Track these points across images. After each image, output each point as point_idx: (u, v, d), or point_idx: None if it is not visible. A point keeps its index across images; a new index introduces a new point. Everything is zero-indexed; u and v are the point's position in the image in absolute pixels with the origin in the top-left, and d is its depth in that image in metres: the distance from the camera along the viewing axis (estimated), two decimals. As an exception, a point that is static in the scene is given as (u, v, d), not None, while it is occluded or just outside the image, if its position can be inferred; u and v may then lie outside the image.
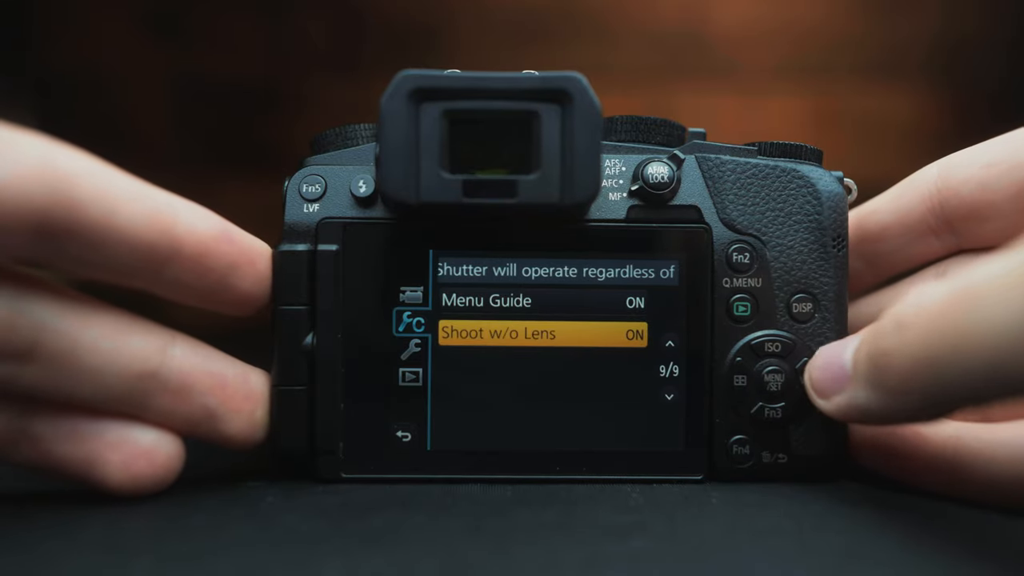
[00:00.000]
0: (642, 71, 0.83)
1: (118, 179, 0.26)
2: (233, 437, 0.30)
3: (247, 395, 0.30)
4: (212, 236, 0.28)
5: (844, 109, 0.81)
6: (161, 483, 0.29)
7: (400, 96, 0.29)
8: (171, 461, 0.29)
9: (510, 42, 0.84)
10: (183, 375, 0.28)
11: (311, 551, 0.25)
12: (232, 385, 0.29)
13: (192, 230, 0.27)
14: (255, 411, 0.30)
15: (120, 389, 0.28)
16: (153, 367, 0.28)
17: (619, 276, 0.31)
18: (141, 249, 0.26)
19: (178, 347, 0.28)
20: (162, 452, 0.28)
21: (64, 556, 0.24)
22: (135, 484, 0.28)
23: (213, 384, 0.29)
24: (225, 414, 0.29)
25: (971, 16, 0.82)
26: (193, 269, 0.28)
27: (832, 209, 0.32)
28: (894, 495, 0.31)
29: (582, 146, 0.29)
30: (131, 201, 0.26)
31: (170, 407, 0.28)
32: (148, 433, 0.28)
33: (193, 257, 0.28)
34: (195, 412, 0.29)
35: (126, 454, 0.28)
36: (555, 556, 0.25)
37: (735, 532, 0.27)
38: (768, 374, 0.31)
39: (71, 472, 0.28)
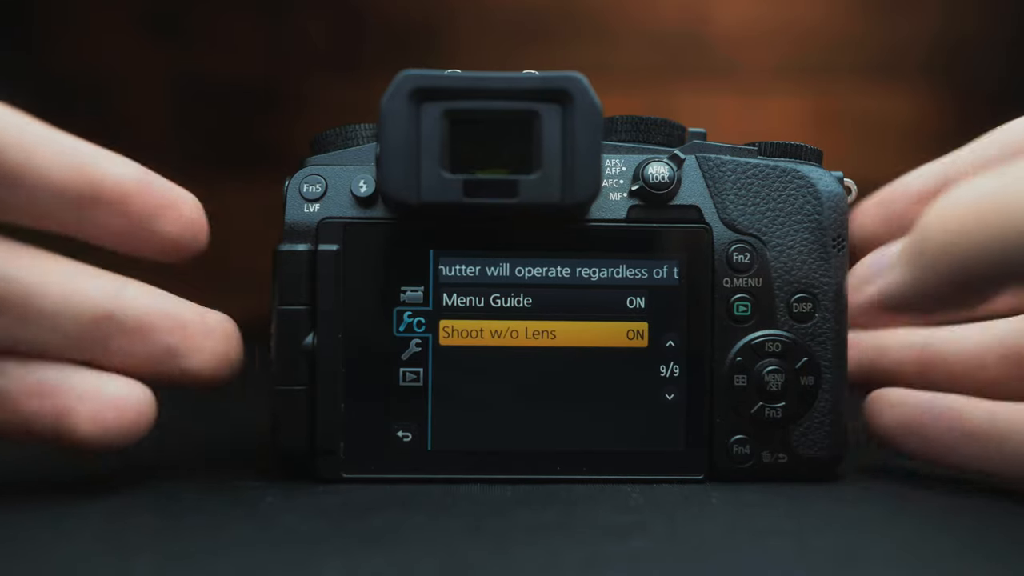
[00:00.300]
0: (642, 71, 0.83)
1: (35, 126, 0.27)
2: (198, 373, 0.29)
3: (206, 332, 0.29)
4: (132, 179, 0.28)
5: (844, 109, 0.81)
6: (131, 434, 0.28)
7: (401, 96, 0.29)
8: (142, 411, 0.28)
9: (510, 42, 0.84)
10: (139, 315, 0.28)
11: (311, 551, 0.25)
12: (190, 323, 0.29)
13: (111, 174, 0.28)
14: (216, 346, 0.29)
15: (78, 332, 0.28)
16: (108, 309, 0.28)
17: (619, 276, 0.31)
18: (60, 191, 0.27)
19: (132, 289, 0.29)
20: (132, 401, 0.28)
21: (64, 556, 0.24)
22: (105, 435, 0.28)
23: (171, 323, 0.29)
24: (187, 351, 0.29)
25: (971, 16, 0.82)
26: (114, 212, 0.28)
27: (832, 209, 0.32)
28: (894, 495, 0.31)
29: (583, 146, 0.29)
30: (49, 145, 0.27)
31: (129, 348, 0.28)
32: (116, 382, 0.28)
33: (113, 200, 0.28)
34: (156, 351, 0.29)
35: (95, 404, 0.28)
36: (555, 556, 0.25)
37: (735, 532, 0.27)
38: (768, 374, 0.31)
39: (40, 428, 0.28)
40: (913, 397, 0.32)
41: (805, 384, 0.31)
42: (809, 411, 0.32)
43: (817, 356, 0.32)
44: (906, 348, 0.34)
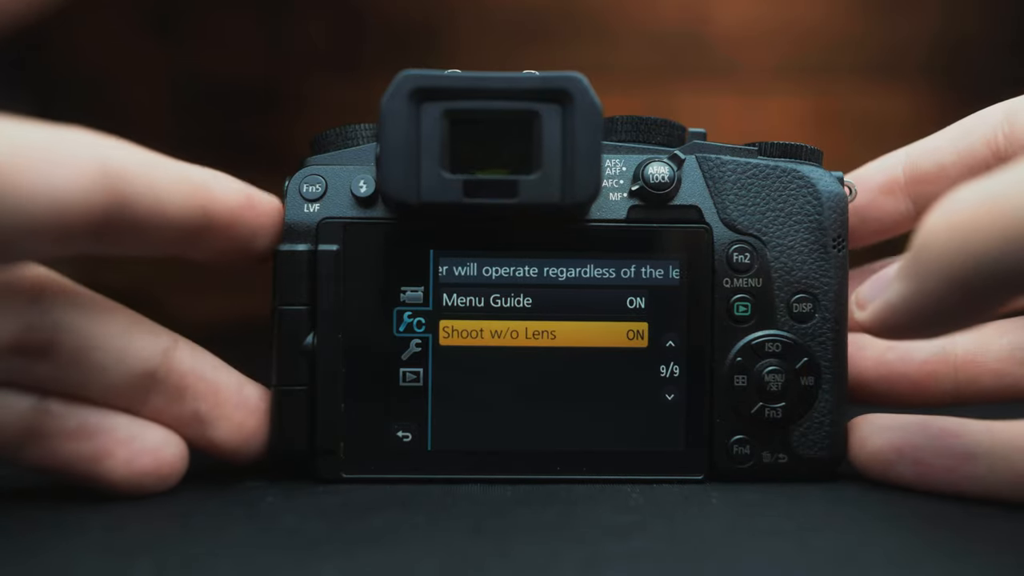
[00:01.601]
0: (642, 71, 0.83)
1: (162, 165, 0.27)
2: (220, 444, 0.30)
3: (238, 404, 0.30)
4: (240, 205, 0.29)
5: (844, 109, 0.81)
6: (164, 483, 0.29)
7: (401, 96, 0.29)
8: (175, 461, 0.29)
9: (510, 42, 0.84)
10: (180, 377, 0.29)
11: (311, 551, 0.25)
12: (225, 393, 0.30)
13: (224, 203, 0.28)
14: (245, 420, 0.30)
15: (123, 386, 0.28)
16: (154, 367, 0.29)
17: (619, 276, 0.31)
18: (181, 228, 0.27)
19: (180, 350, 0.29)
20: (167, 452, 0.29)
21: (64, 557, 0.24)
22: (138, 481, 0.28)
23: (207, 389, 0.29)
24: (214, 420, 0.30)
25: (971, 16, 0.82)
26: (223, 237, 0.29)
27: (832, 209, 0.32)
28: (894, 495, 0.31)
29: (583, 146, 0.29)
30: (174, 184, 0.27)
31: (162, 407, 0.29)
32: (154, 432, 0.29)
33: (223, 227, 0.29)
34: (185, 414, 0.29)
35: (131, 451, 0.28)
36: (555, 556, 0.25)
37: (735, 532, 0.27)
38: (768, 374, 0.31)
39: (76, 469, 0.28)
40: (903, 420, 0.31)
41: (805, 384, 0.31)
42: (809, 411, 0.32)
43: (817, 356, 0.32)
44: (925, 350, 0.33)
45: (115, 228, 0.26)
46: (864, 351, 0.33)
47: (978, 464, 0.30)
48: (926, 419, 0.31)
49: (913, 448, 0.30)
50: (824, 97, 0.81)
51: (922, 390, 0.33)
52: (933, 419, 0.31)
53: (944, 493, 0.30)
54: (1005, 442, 0.29)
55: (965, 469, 0.30)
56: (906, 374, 0.33)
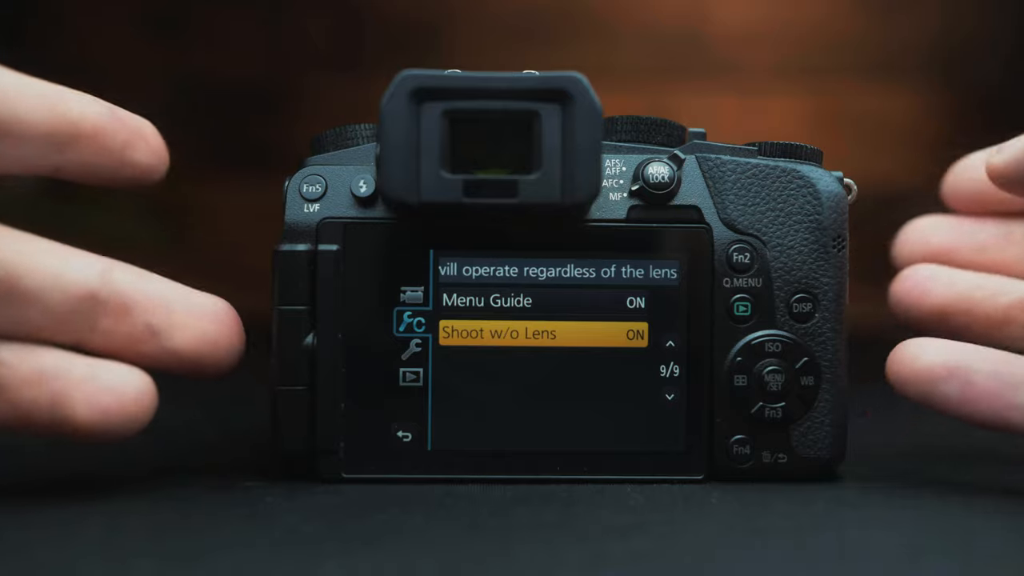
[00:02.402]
0: (642, 71, 0.83)
1: (7, 74, 0.27)
2: (181, 352, 0.29)
3: (190, 311, 0.29)
4: (103, 115, 0.29)
5: (844, 109, 0.81)
6: (132, 420, 0.28)
7: (401, 96, 0.29)
8: (140, 398, 0.28)
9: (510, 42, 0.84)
10: (123, 295, 0.28)
11: (311, 551, 0.25)
12: (174, 302, 0.29)
13: (84, 112, 0.28)
14: (203, 327, 0.29)
15: (64, 311, 0.28)
16: (93, 287, 0.28)
17: (619, 276, 0.31)
18: (44, 136, 0.28)
19: (118, 269, 0.29)
20: (130, 387, 0.28)
21: (64, 556, 0.24)
22: (105, 422, 0.28)
23: (155, 303, 0.29)
24: (168, 330, 0.29)
25: (971, 16, 0.82)
26: (92, 148, 0.29)
27: (832, 209, 0.32)
28: (894, 495, 0.31)
29: (583, 146, 0.29)
30: (26, 92, 0.27)
31: (112, 327, 0.28)
32: (114, 368, 0.28)
33: (90, 136, 0.28)
34: (138, 330, 0.29)
35: (92, 389, 0.27)
36: (555, 556, 0.25)
37: (735, 532, 0.27)
38: (768, 374, 0.31)
39: (38, 417, 0.28)
40: (959, 344, 0.31)
41: (805, 384, 0.31)
42: (809, 411, 0.32)
43: (817, 356, 0.32)
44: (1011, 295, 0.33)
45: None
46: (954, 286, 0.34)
47: None
48: (981, 347, 0.31)
49: (965, 369, 0.30)
50: (824, 97, 0.81)
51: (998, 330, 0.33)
52: (988, 349, 0.30)
53: (985, 420, 0.30)
54: None
55: (1012, 396, 0.29)
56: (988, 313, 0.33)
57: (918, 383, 0.30)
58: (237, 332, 0.30)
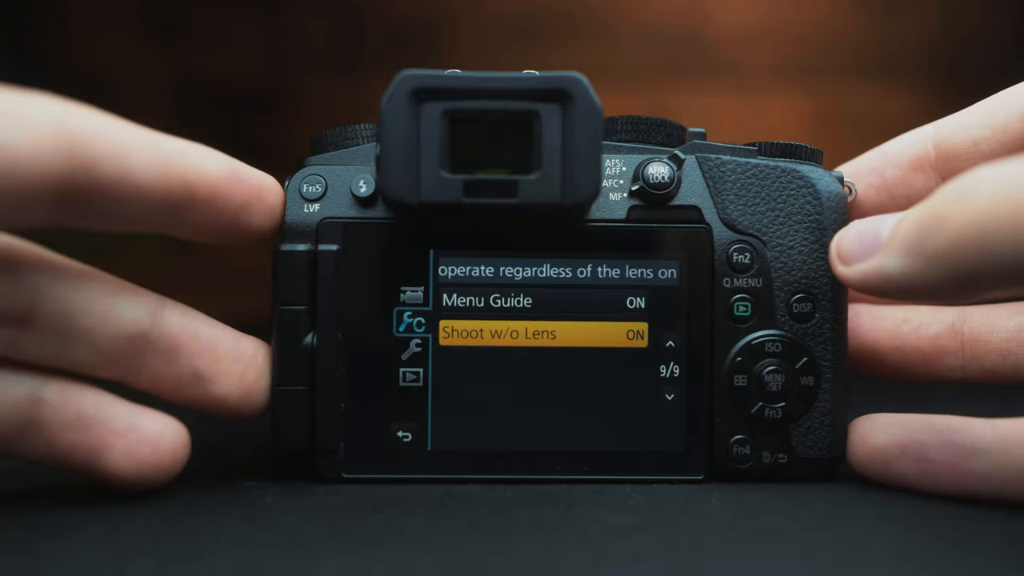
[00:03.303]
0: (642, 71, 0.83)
1: (129, 131, 0.26)
2: (223, 400, 0.30)
3: (236, 358, 0.30)
4: (222, 177, 0.28)
5: (844, 109, 0.81)
6: (166, 472, 0.28)
7: (401, 96, 0.29)
8: (176, 449, 0.28)
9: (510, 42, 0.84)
10: (172, 337, 0.29)
11: (311, 551, 0.25)
12: (222, 348, 0.29)
13: (203, 173, 0.28)
14: (245, 373, 0.30)
15: (112, 351, 0.28)
16: (144, 328, 0.28)
17: (620, 276, 0.31)
18: (156, 199, 0.27)
19: (168, 311, 0.29)
20: (167, 440, 0.28)
21: (64, 556, 0.24)
22: (139, 472, 0.28)
23: (202, 347, 0.29)
24: (214, 376, 0.29)
25: (971, 16, 0.82)
26: (207, 211, 0.28)
27: (832, 209, 0.32)
28: (894, 495, 0.31)
29: (583, 146, 0.29)
30: (143, 152, 0.26)
31: (159, 369, 0.29)
32: (154, 419, 0.28)
33: (206, 200, 0.28)
34: (184, 374, 0.29)
35: (131, 441, 0.28)
36: (555, 556, 0.25)
37: (735, 532, 0.27)
38: (768, 374, 0.31)
39: (76, 462, 0.28)
40: (907, 418, 0.31)
41: (805, 384, 0.31)
42: (809, 411, 0.32)
43: (817, 356, 0.32)
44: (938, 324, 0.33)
45: (79, 193, 0.25)
46: (881, 322, 0.33)
47: (982, 460, 0.29)
48: (929, 417, 0.31)
49: (917, 444, 0.30)
50: (824, 97, 0.81)
51: (932, 364, 0.33)
52: (936, 417, 0.31)
53: (946, 492, 0.30)
54: (1009, 438, 0.29)
55: (968, 465, 0.29)
56: (918, 347, 0.33)
57: (874, 464, 0.31)
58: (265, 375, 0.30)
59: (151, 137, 0.27)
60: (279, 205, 0.30)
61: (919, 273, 0.25)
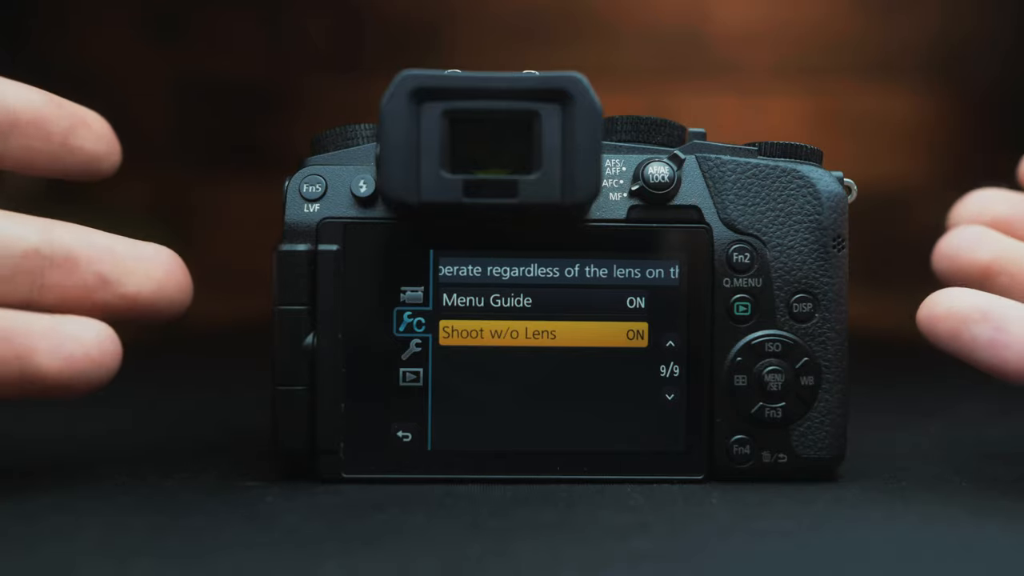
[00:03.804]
0: (642, 71, 0.83)
1: None
2: (135, 297, 0.29)
3: (138, 257, 0.29)
4: (42, 101, 0.29)
5: (843, 109, 0.81)
6: (99, 367, 0.28)
7: (401, 96, 0.29)
8: (104, 345, 0.28)
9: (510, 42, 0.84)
10: (67, 247, 0.29)
11: (311, 551, 0.25)
12: (120, 251, 0.29)
13: (22, 100, 0.29)
14: (151, 270, 0.29)
15: (7, 270, 0.28)
16: (34, 244, 0.28)
17: (619, 276, 0.31)
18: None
19: (59, 227, 0.29)
20: (92, 334, 0.28)
21: (64, 556, 0.24)
22: (72, 369, 0.28)
23: (101, 253, 0.29)
24: (119, 277, 0.29)
25: (971, 16, 0.82)
26: (33, 135, 0.29)
27: (832, 209, 0.32)
28: (894, 495, 0.31)
29: (583, 146, 0.29)
30: None
31: (61, 280, 0.28)
32: (73, 320, 0.28)
33: (31, 122, 0.29)
34: (88, 281, 0.29)
35: (55, 340, 0.28)
36: (555, 556, 0.25)
37: (735, 532, 0.27)
38: (768, 374, 0.31)
39: (5, 374, 0.27)
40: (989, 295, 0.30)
41: (805, 384, 0.31)
42: (809, 411, 0.32)
43: (817, 356, 0.32)
44: None
45: None
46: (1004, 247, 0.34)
47: None
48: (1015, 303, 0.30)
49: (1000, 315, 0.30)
50: (824, 97, 0.82)
51: None
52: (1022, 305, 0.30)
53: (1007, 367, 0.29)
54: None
55: None
56: None
57: (950, 321, 0.30)
58: (185, 276, 0.30)
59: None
60: (105, 132, 0.31)
61: None
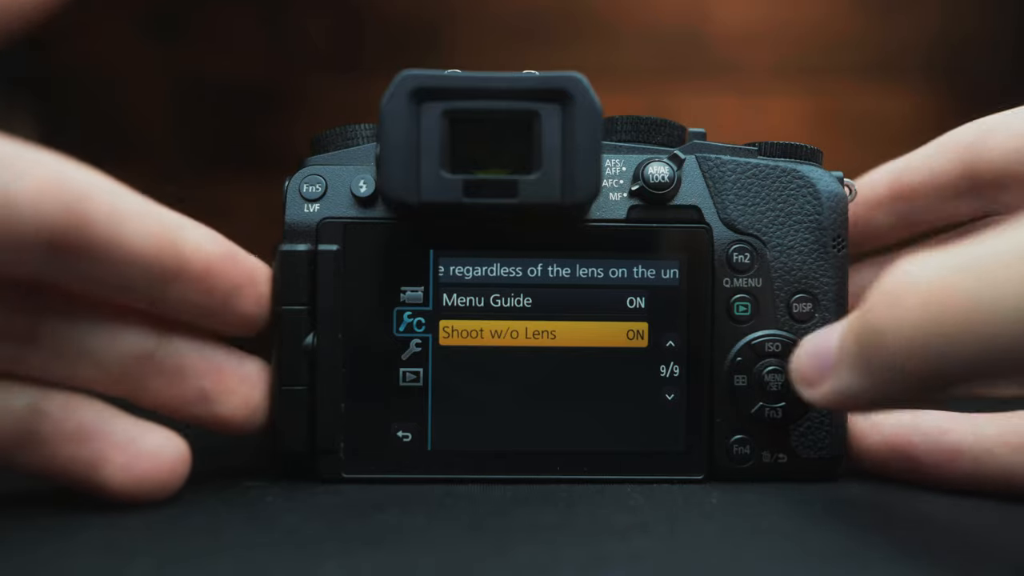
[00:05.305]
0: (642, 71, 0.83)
1: (127, 196, 0.26)
2: (228, 419, 0.30)
3: (242, 378, 0.30)
4: (218, 256, 0.28)
5: (844, 109, 0.81)
6: (164, 487, 0.28)
7: (401, 96, 0.29)
8: (176, 464, 0.28)
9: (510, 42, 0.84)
10: (178, 358, 0.29)
11: (311, 551, 0.25)
12: (227, 369, 0.30)
13: (198, 249, 0.28)
14: (250, 393, 0.30)
15: (118, 371, 0.28)
16: (149, 350, 0.28)
17: (620, 276, 0.31)
18: (148, 266, 0.26)
19: (175, 335, 0.29)
20: (167, 455, 0.28)
21: (64, 557, 0.24)
22: (137, 487, 0.28)
23: (208, 367, 0.29)
24: (219, 396, 0.29)
25: (971, 16, 0.82)
26: (198, 288, 0.28)
27: (832, 209, 0.32)
28: (894, 495, 0.31)
29: (583, 146, 0.29)
30: (140, 217, 0.26)
31: (165, 389, 0.29)
32: (154, 434, 0.28)
33: (198, 276, 0.28)
34: (189, 394, 0.29)
35: (130, 455, 0.28)
36: (555, 556, 0.25)
37: (735, 532, 0.27)
38: (768, 374, 0.31)
39: (74, 475, 0.28)
40: (896, 417, 0.31)
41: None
42: (809, 411, 0.32)
43: (817, 356, 0.32)
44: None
45: (72, 249, 0.25)
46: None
47: (964, 461, 0.30)
48: (918, 415, 0.31)
49: (905, 445, 0.31)
50: (824, 97, 0.81)
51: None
52: (925, 415, 0.31)
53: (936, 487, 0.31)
54: (989, 437, 0.30)
55: (953, 467, 0.30)
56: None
57: (870, 463, 0.32)
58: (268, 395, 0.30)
59: (150, 205, 0.27)
60: (267, 292, 0.30)
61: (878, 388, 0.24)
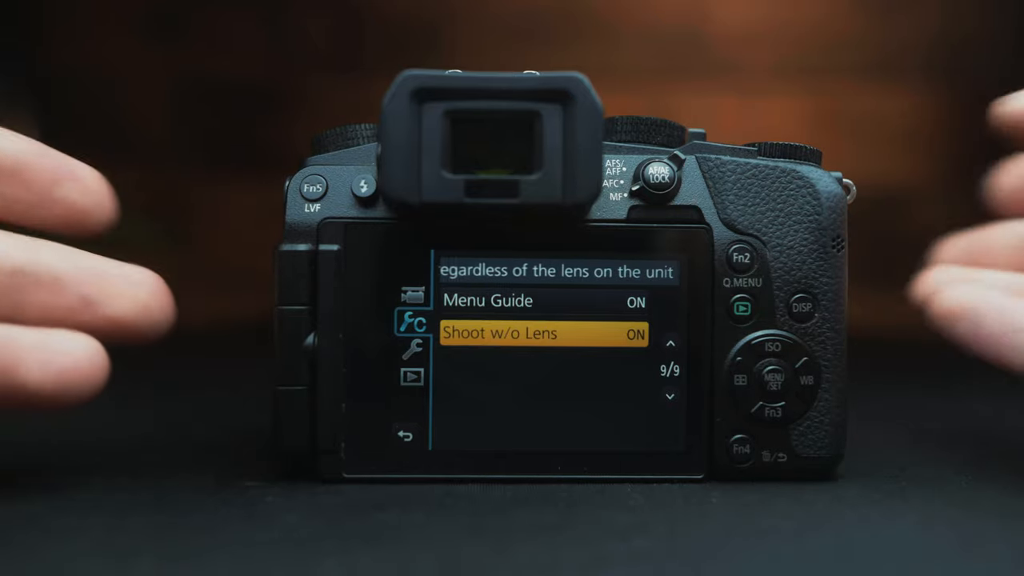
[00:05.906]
0: (642, 71, 0.83)
1: None
2: (119, 320, 0.29)
3: (124, 279, 0.29)
4: (27, 150, 0.29)
5: (843, 109, 0.81)
6: (87, 382, 0.28)
7: (402, 96, 0.29)
8: (92, 359, 0.28)
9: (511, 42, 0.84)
10: (52, 267, 0.28)
11: (311, 551, 0.25)
12: (109, 274, 0.29)
13: (5, 146, 0.29)
14: (136, 292, 0.29)
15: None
16: (20, 263, 0.28)
17: (620, 276, 0.32)
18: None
19: (45, 247, 0.29)
20: (81, 349, 0.28)
21: (64, 556, 0.24)
22: (59, 383, 0.27)
23: (86, 275, 0.29)
24: (104, 299, 0.29)
25: (971, 16, 0.82)
26: (14, 183, 0.29)
27: (832, 209, 0.32)
28: (894, 495, 0.31)
29: (583, 146, 0.29)
30: None
31: (46, 300, 0.28)
32: (61, 334, 0.28)
33: (12, 171, 0.28)
34: (72, 301, 0.28)
35: (43, 354, 0.27)
36: (555, 556, 0.25)
37: (735, 532, 0.27)
38: (768, 374, 0.31)
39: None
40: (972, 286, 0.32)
41: (805, 384, 0.31)
42: (809, 411, 0.32)
43: (817, 356, 0.32)
44: None
45: None
46: None
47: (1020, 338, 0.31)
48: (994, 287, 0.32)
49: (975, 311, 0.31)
50: (824, 97, 0.82)
51: None
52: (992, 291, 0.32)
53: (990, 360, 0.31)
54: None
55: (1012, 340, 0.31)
56: None
57: (940, 322, 0.32)
58: (169, 299, 0.30)
59: None
60: (99, 188, 0.30)
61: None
